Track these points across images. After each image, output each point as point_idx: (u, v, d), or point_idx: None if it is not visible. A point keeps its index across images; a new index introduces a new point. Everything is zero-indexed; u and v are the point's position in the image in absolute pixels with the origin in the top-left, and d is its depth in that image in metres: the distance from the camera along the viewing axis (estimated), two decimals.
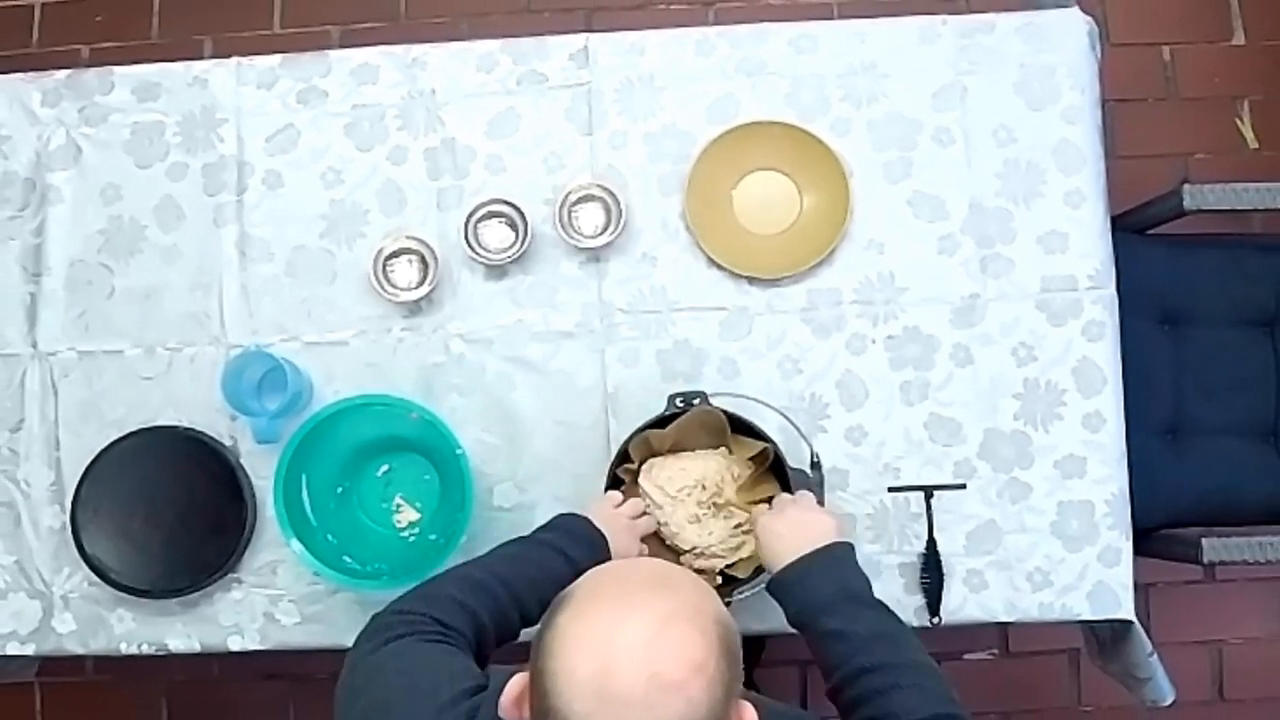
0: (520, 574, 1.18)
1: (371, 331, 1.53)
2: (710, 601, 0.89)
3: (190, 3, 2.41)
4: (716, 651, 0.84)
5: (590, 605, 0.86)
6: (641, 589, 0.87)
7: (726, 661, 0.85)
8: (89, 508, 1.49)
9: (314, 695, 2.20)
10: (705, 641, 0.83)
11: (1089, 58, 1.52)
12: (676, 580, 0.89)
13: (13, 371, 1.55)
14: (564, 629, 0.84)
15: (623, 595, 0.86)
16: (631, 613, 0.83)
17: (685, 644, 0.82)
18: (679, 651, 0.82)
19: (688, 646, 0.82)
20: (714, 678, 0.83)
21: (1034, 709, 2.17)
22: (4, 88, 1.60)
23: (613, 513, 1.31)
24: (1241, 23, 2.29)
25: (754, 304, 1.51)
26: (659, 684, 0.80)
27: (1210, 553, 1.56)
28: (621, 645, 0.81)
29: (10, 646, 1.52)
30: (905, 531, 1.47)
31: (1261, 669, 2.16)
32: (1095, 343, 1.47)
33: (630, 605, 0.84)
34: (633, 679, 0.80)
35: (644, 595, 0.85)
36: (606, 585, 0.89)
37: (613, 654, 0.81)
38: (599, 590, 0.88)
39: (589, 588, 0.88)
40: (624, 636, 0.82)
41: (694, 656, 0.82)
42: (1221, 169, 2.23)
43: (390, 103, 1.57)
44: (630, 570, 0.93)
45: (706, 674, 0.82)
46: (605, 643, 0.82)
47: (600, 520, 1.27)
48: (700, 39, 1.55)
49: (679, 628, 0.83)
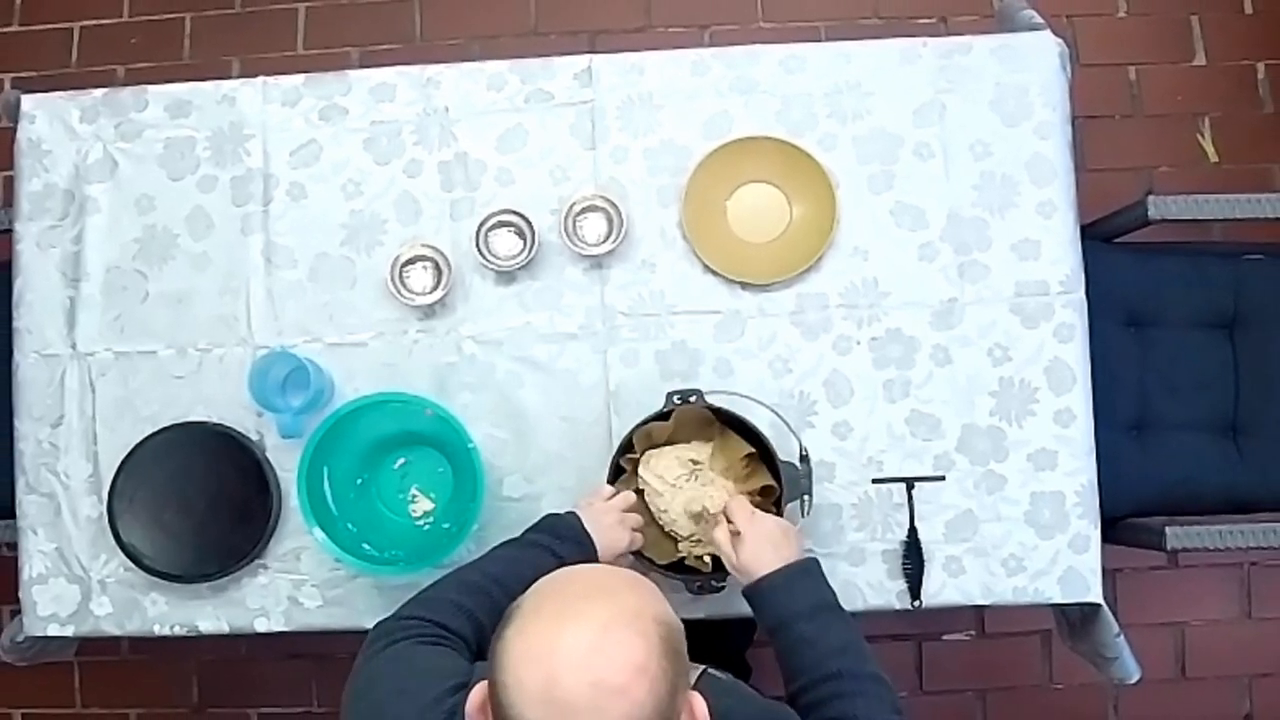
0: (513, 574, 1.17)
1: (389, 333, 1.53)
2: (650, 603, 0.87)
3: (219, 25, 2.41)
4: (658, 652, 0.83)
5: (533, 619, 0.85)
6: (580, 599, 0.86)
7: (669, 660, 0.84)
8: (124, 498, 1.49)
9: (335, 673, 2.20)
10: (645, 644, 0.83)
11: (1060, 77, 1.52)
12: (614, 586, 0.88)
13: (53, 371, 1.55)
14: (511, 643, 0.84)
15: (563, 606, 0.85)
16: (570, 623, 0.83)
17: (625, 649, 0.82)
18: (619, 657, 0.81)
19: (627, 651, 0.82)
20: (656, 677, 0.82)
21: (1008, 687, 2.17)
22: (45, 105, 1.60)
23: (601, 508, 1.30)
24: (1203, 45, 2.29)
25: (746, 307, 1.51)
26: (602, 689, 0.80)
27: (1173, 540, 1.57)
28: (563, 655, 0.81)
29: (51, 628, 1.53)
30: (888, 520, 1.47)
31: (1221, 649, 2.16)
32: (1066, 344, 1.47)
33: (569, 616, 0.84)
34: (576, 686, 0.80)
35: (582, 605, 0.85)
36: (547, 598, 0.88)
37: (556, 664, 0.81)
38: (540, 604, 0.87)
39: (532, 602, 0.87)
40: (565, 647, 0.81)
41: (634, 660, 0.82)
42: (1184, 181, 2.23)
43: (406, 119, 1.57)
44: (569, 580, 0.91)
45: (649, 675, 0.82)
46: (548, 654, 0.81)
47: (588, 518, 1.27)
48: (696, 60, 1.55)
49: (617, 634, 0.82)
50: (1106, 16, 2.31)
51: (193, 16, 2.42)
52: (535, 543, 1.24)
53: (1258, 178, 2.24)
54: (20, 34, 2.44)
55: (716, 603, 1.41)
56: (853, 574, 1.46)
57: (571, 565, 1.05)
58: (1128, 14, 2.31)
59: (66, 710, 2.27)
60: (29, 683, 2.15)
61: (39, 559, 1.53)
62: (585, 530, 1.25)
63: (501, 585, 1.17)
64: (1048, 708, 2.16)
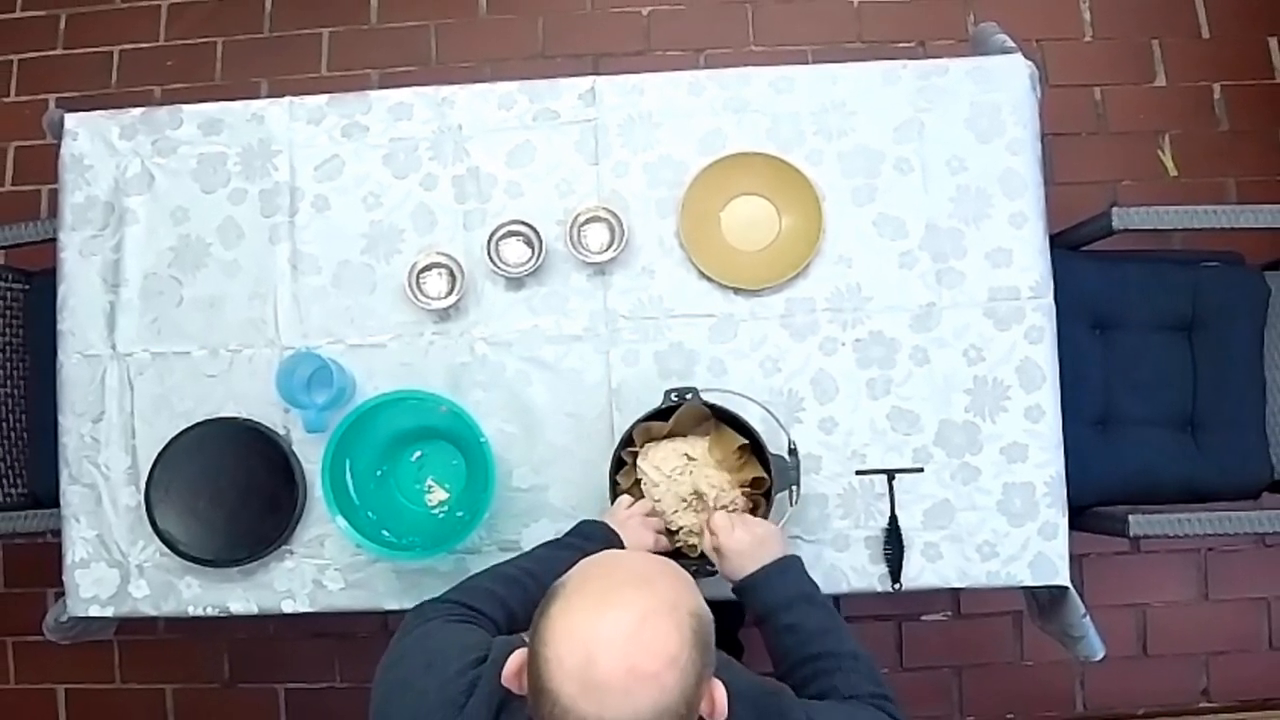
0: (547, 569, 1.17)
1: (406, 335, 1.53)
2: (687, 596, 0.87)
3: (249, 49, 2.41)
4: (690, 644, 0.83)
5: (578, 599, 0.85)
6: (624, 586, 0.85)
7: (698, 651, 0.84)
8: (161, 488, 1.49)
9: (356, 651, 2.20)
10: (679, 635, 0.83)
11: (1030, 97, 1.52)
12: (656, 577, 0.88)
13: (94, 370, 1.55)
14: (554, 619, 0.84)
15: (606, 591, 0.85)
16: (613, 609, 0.83)
17: (660, 639, 0.82)
18: (655, 646, 0.81)
19: (663, 641, 0.82)
20: (686, 668, 0.82)
21: (982, 663, 2.17)
22: (87, 123, 1.60)
23: (626, 514, 1.31)
24: (1163, 67, 2.29)
25: (739, 311, 1.51)
26: (636, 674, 0.80)
27: (1136, 527, 1.56)
28: (603, 639, 0.81)
29: (93, 609, 1.53)
30: (871, 509, 1.46)
31: (1180, 629, 2.16)
32: (1035, 345, 1.47)
33: (612, 602, 0.83)
34: (612, 669, 0.80)
35: (625, 592, 0.84)
36: (592, 579, 0.87)
37: (595, 646, 0.81)
38: (585, 585, 0.86)
39: (578, 581, 0.87)
40: (605, 631, 0.81)
41: (668, 650, 0.82)
42: (1145, 194, 2.23)
43: (423, 136, 1.56)
44: (615, 566, 0.90)
45: (679, 665, 0.82)
46: (589, 636, 0.81)
47: (615, 523, 1.29)
48: (692, 81, 1.55)
49: (656, 623, 0.82)
50: (1073, 40, 2.30)
51: (224, 41, 2.42)
52: (569, 544, 1.26)
53: (1214, 191, 2.24)
54: (64, 57, 2.44)
55: (709, 586, 1.39)
56: (838, 559, 1.46)
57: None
58: (1093, 38, 2.31)
59: (107, 685, 2.27)
60: (72, 660, 2.16)
61: (81, 545, 1.53)
62: (614, 532, 1.27)
63: (535, 578, 1.18)
64: (1019, 683, 2.16)
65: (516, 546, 1.48)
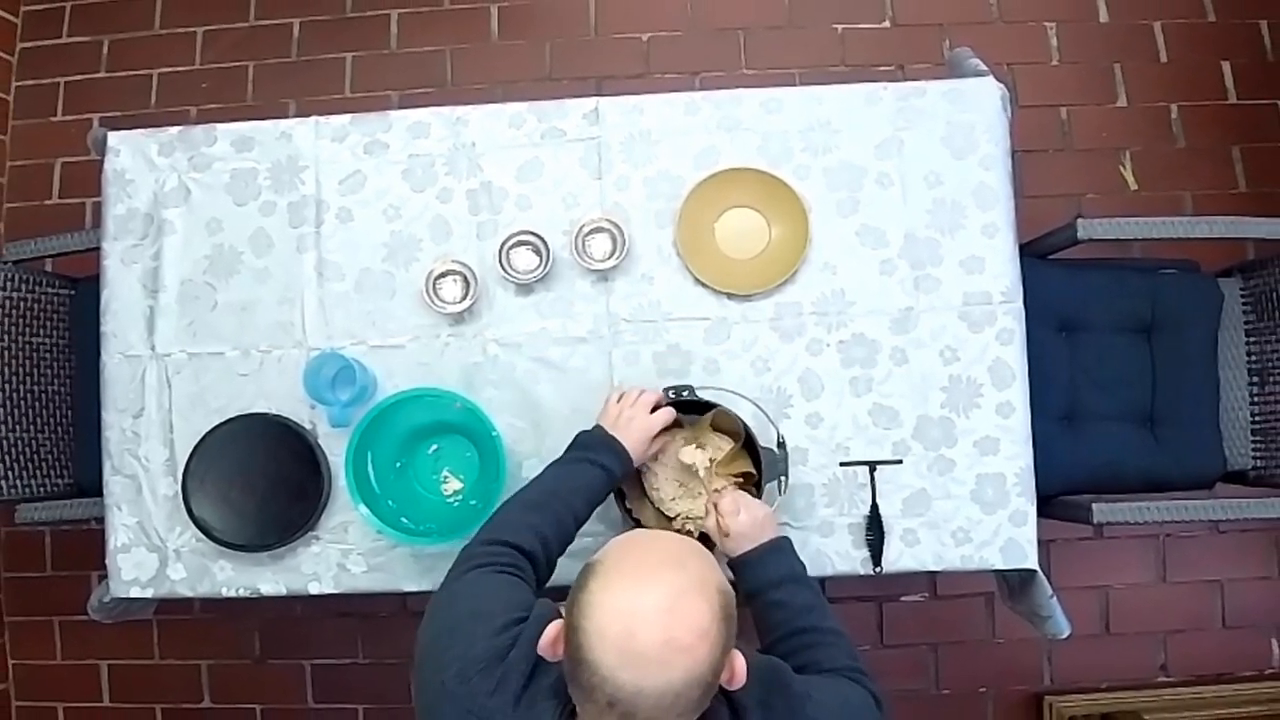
0: (567, 486, 1.21)
1: (424, 337, 1.53)
2: (715, 574, 0.89)
3: (278, 73, 2.41)
4: (719, 618, 0.85)
5: (618, 577, 0.86)
6: (660, 566, 0.87)
7: (725, 625, 0.86)
8: (196, 479, 1.49)
9: (378, 629, 2.20)
10: (710, 610, 0.85)
11: (1002, 117, 1.52)
12: (688, 557, 0.90)
13: (135, 369, 1.55)
14: (595, 595, 0.85)
15: (644, 570, 0.87)
16: (651, 587, 0.85)
17: (694, 614, 0.84)
18: (689, 620, 0.83)
19: (696, 616, 0.84)
20: (715, 640, 0.85)
21: (957, 641, 2.17)
22: (128, 141, 1.60)
23: (616, 411, 1.30)
24: (1124, 89, 2.29)
25: (731, 315, 1.51)
26: (673, 646, 0.82)
27: (1099, 515, 1.57)
28: (642, 614, 0.83)
29: (133, 590, 1.52)
30: (854, 498, 1.46)
31: (1140, 609, 2.16)
32: (1006, 346, 1.47)
33: (650, 580, 0.85)
34: (651, 641, 0.82)
35: (662, 572, 0.86)
36: (630, 559, 0.89)
37: (635, 620, 0.83)
38: (624, 564, 0.88)
39: (615, 559, 0.89)
40: (645, 606, 0.83)
41: (700, 624, 0.84)
42: (1108, 206, 2.23)
43: (439, 153, 1.56)
44: (649, 548, 0.92)
45: (710, 638, 0.84)
46: (629, 611, 0.83)
47: (609, 423, 1.29)
48: (688, 102, 1.55)
49: (690, 600, 0.84)
50: (1042, 64, 2.31)
51: (255, 64, 2.42)
52: (575, 459, 1.26)
53: (1171, 203, 2.24)
54: (107, 79, 2.44)
55: None
56: (823, 544, 1.46)
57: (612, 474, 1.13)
58: (1060, 62, 2.31)
59: (146, 661, 2.27)
60: (114, 637, 2.16)
61: (123, 531, 1.53)
62: (611, 435, 1.27)
63: (558, 497, 1.19)
64: (991, 659, 2.16)
65: None
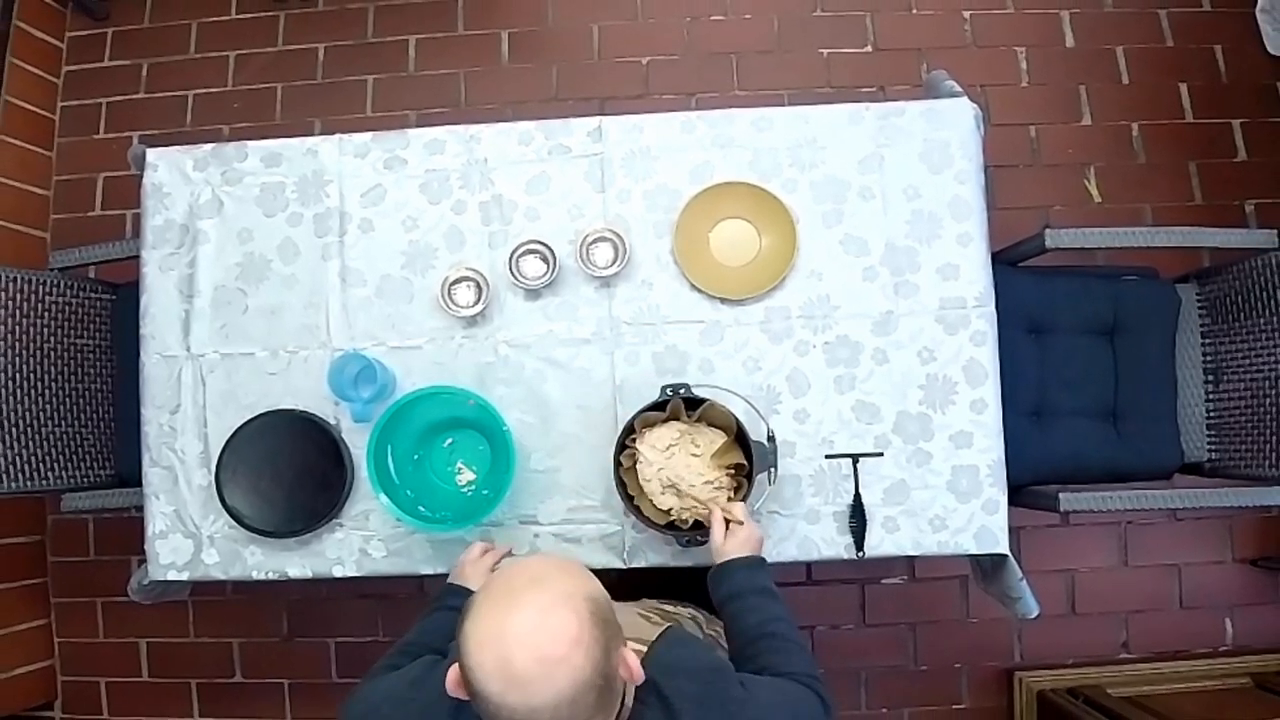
0: (431, 630, 1.20)
1: (439, 339, 1.53)
2: (580, 585, 0.86)
3: (305, 94, 2.41)
4: (589, 624, 0.82)
5: (488, 609, 0.84)
6: (523, 589, 0.84)
7: (599, 629, 0.83)
8: (229, 470, 1.49)
9: (396, 610, 2.20)
10: (578, 619, 0.82)
11: (975, 134, 1.52)
12: (548, 574, 0.86)
13: (172, 369, 1.55)
14: (469, 630, 0.83)
15: (507, 597, 0.84)
16: (516, 611, 0.82)
17: (562, 626, 0.81)
18: (558, 633, 0.81)
19: (564, 627, 0.81)
20: (590, 645, 0.82)
21: (934, 620, 2.17)
22: (165, 157, 1.60)
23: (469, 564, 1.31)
24: (1089, 109, 2.29)
25: (725, 318, 1.50)
26: (549, 661, 0.80)
27: (1066, 504, 1.57)
28: (513, 637, 0.81)
29: (170, 574, 1.53)
30: (838, 488, 1.46)
31: (1103, 591, 2.15)
32: (980, 347, 1.47)
33: (514, 605, 0.83)
34: (525, 662, 0.79)
35: (523, 594, 0.84)
36: (495, 589, 0.86)
37: (507, 645, 0.80)
38: (490, 595, 0.86)
39: (484, 592, 0.87)
40: (512, 631, 0.81)
41: (569, 634, 0.81)
42: (1073, 218, 2.22)
43: (454, 168, 1.56)
44: (512, 573, 0.88)
45: (584, 644, 0.81)
46: (498, 638, 0.81)
47: (462, 579, 1.28)
48: (685, 120, 1.55)
49: (555, 614, 0.82)
50: (1012, 86, 2.30)
51: (283, 86, 2.42)
52: (438, 607, 1.25)
53: (1133, 215, 2.24)
54: (146, 100, 2.44)
55: (700, 554, 1.41)
56: (810, 531, 1.46)
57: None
58: (1029, 84, 2.31)
59: (182, 639, 2.26)
60: (153, 617, 2.15)
61: (160, 519, 1.53)
62: (465, 588, 1.26)
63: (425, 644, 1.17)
64: (965, 638, 2.16)
65: (534, 520, 1.48)
